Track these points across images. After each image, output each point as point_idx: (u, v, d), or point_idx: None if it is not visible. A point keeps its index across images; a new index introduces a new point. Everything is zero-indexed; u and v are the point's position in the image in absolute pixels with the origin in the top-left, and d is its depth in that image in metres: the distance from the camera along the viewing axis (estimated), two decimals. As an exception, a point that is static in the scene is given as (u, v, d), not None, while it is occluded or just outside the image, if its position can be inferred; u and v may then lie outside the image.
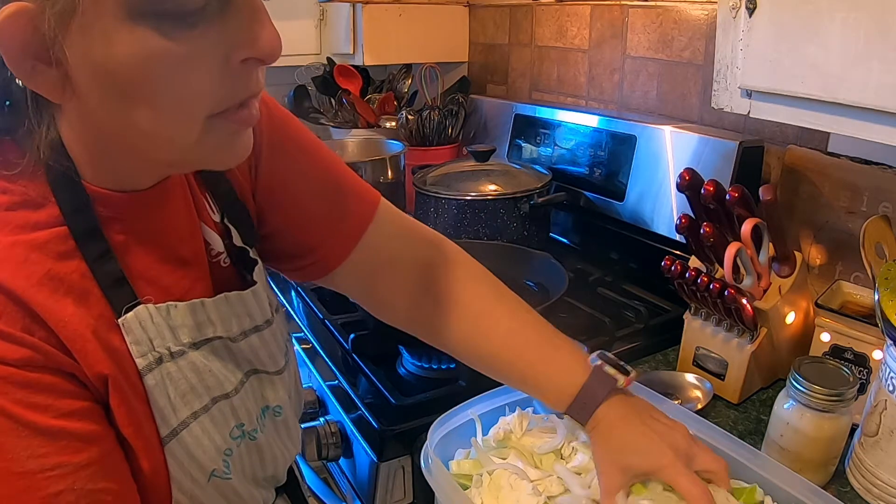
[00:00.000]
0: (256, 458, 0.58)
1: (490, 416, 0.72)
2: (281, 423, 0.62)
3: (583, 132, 1.32)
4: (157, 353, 0.50)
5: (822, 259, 0.99)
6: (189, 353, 0.52)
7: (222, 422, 0.55)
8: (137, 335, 0.49)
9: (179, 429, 0.51)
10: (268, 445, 0.60)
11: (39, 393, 0.43)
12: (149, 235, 0.52)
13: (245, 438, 0.57)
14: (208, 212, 0.60)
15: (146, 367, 0.49)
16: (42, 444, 0.43)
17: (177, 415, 0.51)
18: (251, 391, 0.58)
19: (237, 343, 0.57)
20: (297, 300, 1.20)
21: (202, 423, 0.53)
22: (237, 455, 0.56)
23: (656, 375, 0.91)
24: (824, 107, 0.65)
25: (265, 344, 0.59)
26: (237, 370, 0.57)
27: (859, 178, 0.93)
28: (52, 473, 0.43)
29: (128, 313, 0.48)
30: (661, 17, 1.24)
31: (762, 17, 0.69)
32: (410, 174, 1.42)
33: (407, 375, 0.96)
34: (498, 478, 0.64)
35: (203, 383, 0.53)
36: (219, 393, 0.54)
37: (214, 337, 0.55)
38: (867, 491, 0.70)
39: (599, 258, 1.30)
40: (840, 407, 0.68)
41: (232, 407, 0.56)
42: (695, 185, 0.82)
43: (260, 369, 0.60)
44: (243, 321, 0.57)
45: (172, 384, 0.51)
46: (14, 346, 0.43)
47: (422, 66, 1.70)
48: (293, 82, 1.82)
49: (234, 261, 0.61)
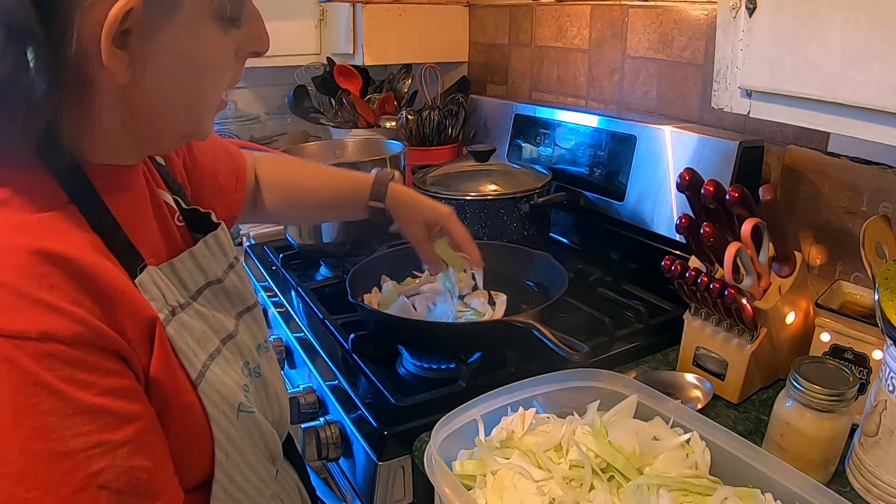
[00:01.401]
0: (264, 395, 0.65)
1: (492, 416, 0.72)
2: (269, 359, 0.68)
3: (583, 132, 1.32)
4: (170, 306, 0.55)
5: (822, 259, 0.99)
6: (193, 304, 0.59)
7: (234, 360, 0.61)
8: (153, 292, 0.54)
9: (203, 370, 0.56)
10: (270, 382, 0.66)
11: (84, 370, 0.45)
12: (135, 203, 0.58)
13: (253, 376, 0.63)
14: (160, 180, 0.67)
15: (165, 319, 0.53)
16: (85, 422, 0.44)
17: (199, 358, 0.56)
18: (246, 330, 0.65)
19: (223, 283, 0.64)
20: (297, 300, 1.20)
21: (219, 363, 0.58)
22: (253, 390, 0.62)
23: (656, 375, 0.91)
24: (824, 107, 0.65)
25: (241, 278, 0.67)
26: (232, 310, 0.65)
27: (859, 178, 0.93)
28: (94, 452, 0.44)
29: (141, 274, 0.53)
30: (661, 17, 1.24)
31: (762, 18, 0.69)
32: (410, 174, 1.42)
33: (407, 375, 0.96)
34: (502, 477, 0.64)
35: (211, 327, 0.59)
36: (225, 334, 0.61)
37: (205, 284, 0.62)
38: (867, 491, 0.70)
39: (599, 258, 1.30)
40: (840, 407, 0.68)
41: (237, 345, 0.62)
42: (695, 185, 0.82)
43: (243, 308, 0.66)
44: (221, 259, 0.65)
45: (188, 332, 0.56)
46: (64, 321, 0.44)
47: (422, 66, 1.70)
48: (293, 82, 1.82)
49: (186, 220, 0.67)
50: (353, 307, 0.99)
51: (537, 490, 0.62)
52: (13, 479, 0.42)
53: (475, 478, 0.66)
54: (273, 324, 1.23)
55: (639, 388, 0.74)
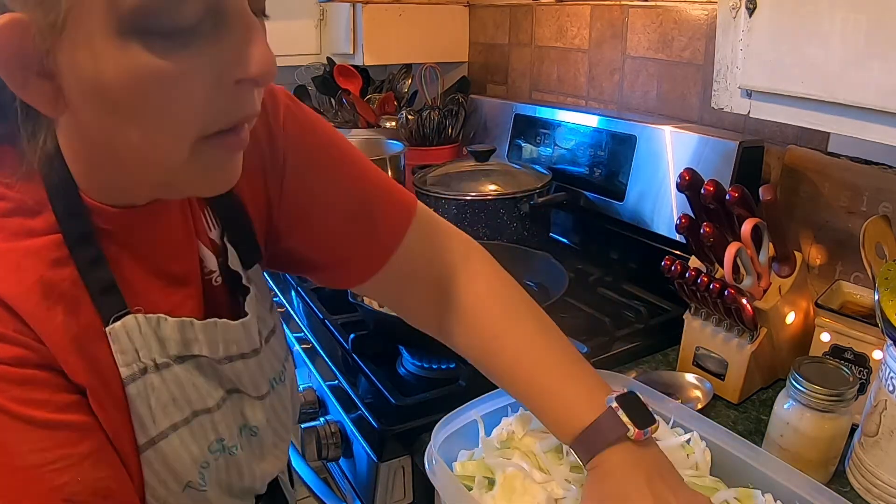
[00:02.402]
0: (235, 473, 0.58)
1: (493, 416, 0.72)
2: (256, 443, 0.61)
3: (583, 132, 1.32)
4: (142, 363, 0.50)
5: (822, 259, 0.99)
6: (173, 366, 0.52)
7: (202, 435, 0.54)
8: (123, 345, 0.48)
9: (157, 439, 0.51)
10: (246, 462, 0.59)
11: (36, 389, 0.43)
12: (141, 249, 0.52)
13: (224, 453, 0.56)
14: (205, 228, 0.59)
15: (129, 377, 0.49)
16: (43, 437, 0.43)
17: (156, 425, 0.51)
18: (232, 407, 0.58)
19: (221, 365, 0.56)
20: (297, 300, 1.20)
21: (181, 434, 0.52)
22: (214, 468, 0.55)
23: (656, 375, 0.91)
24: (824, 107, 0.65)
25: (249, 371, 0.59)
26: (219, 387, 0.56)
27: (859, 178, 0.93)
28: (56, 466, 0.43)
29: (116, 322, 0.48)
30: (661, 17, 1.24)
31: (762, 18, 0.68)
32: (410, 174, 1.42)
33: (407, 375, 0.96)
34: (511, 479, 0.63)
35: (185, 396, 0.53)
36: (200, 407, 0.54)
37: (200, 355, 0.54)
38: (867, 491, 0.70)
39: (599, 258, 1.30)
40: (840, 407, 0.68)
41: (213, 421, 0.55)
42: (695, 185, 0.82)
43: (241, 390, 0.59)
44: (230, 347, 0.57)
45: (154, 395, 0.50)
46: (8, 346, 0.43)
47: (422, 66, 1.70)
48: (293, 82, 1.82)
49: (226, 281, 0.60)
50: (353, 307, 0.99)
51: (546, 495, 0.61)
52: None
53: (475, 479, 0.66)
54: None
55: (639, 388, 0.74)
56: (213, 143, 0.44)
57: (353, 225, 0.64)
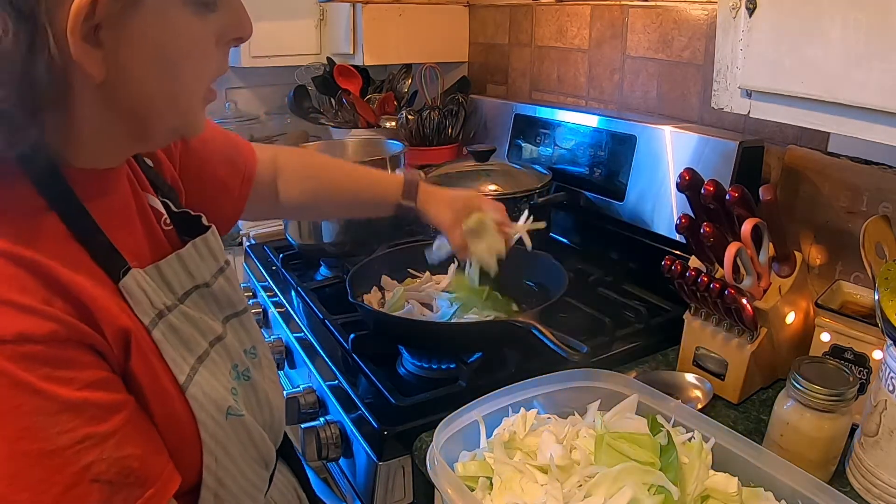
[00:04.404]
0: (254, 399, 0.64)
1: (494, 417, 0.72)
2: (258, 365, 0.67)
3: (583, 132, 1.32)
4: (156, 308, 0.54)
5: (822, 259, 0.99)
6: (180, 307, 0.58)
7: (221, 363, 0.60)
8: (137, 296, 0.53)
9: (192, 374, 0.55)
10: (260, 386, 0.65)
11: (63, 366, 0.45)
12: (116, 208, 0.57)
13: (241, 379, 0.62)
14: (146, 183, 0.65)
15: (151, 324, 0.53)
16: (70, 418, 0.45)
17: (186, 361, 0.55)
18: (234, 334, 0.64)
19: (211, 287, 0.63)
20: (297, 300, 1.20)
21: (207, 366, 0.58)
22: (242, 393, 0.61)
23: (656, 375, 0.91)
24: (824, 107, 0.65)
25: (230, 283, 0.66)
26: (219, 314, 0.63)
27: (859, 178, 0.93)
28: (82, 446, 0.45)
29: (124, 277, 0.53)
30: (661, 17, 1.24)
31: (762, 18, 0.69)
32: (410, 174, 1.42)
33: (407, 375, 0.96)
34: (510, 480, 0.63)
35: (199, 330, 0.58)
36: (213, 336, 0.60)
37: (193, 287, 0.61)
38: (867, 491, 0.70)
39: (599, 258, 1.30)
40: (840, 407, 0.68)
41: (225, 348, 0.61)
42: (695, 185, 0.82)
43: (231, 313, 0.65)
44: (211, 264, 0.64)
45: (175, 335, 0.55)
46: (38, 321, 0.44)
47: (422, 66, 1.70)
48: (293, 82, 1.82)
49: (175, 223, 0.66)
50: (353, 307, 0.99)
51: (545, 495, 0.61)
52: (5, 482, 0.43)
53: (477, 479, 0.66)
54: (273, 324, 1.23)
55: (639, 388, 0.74)
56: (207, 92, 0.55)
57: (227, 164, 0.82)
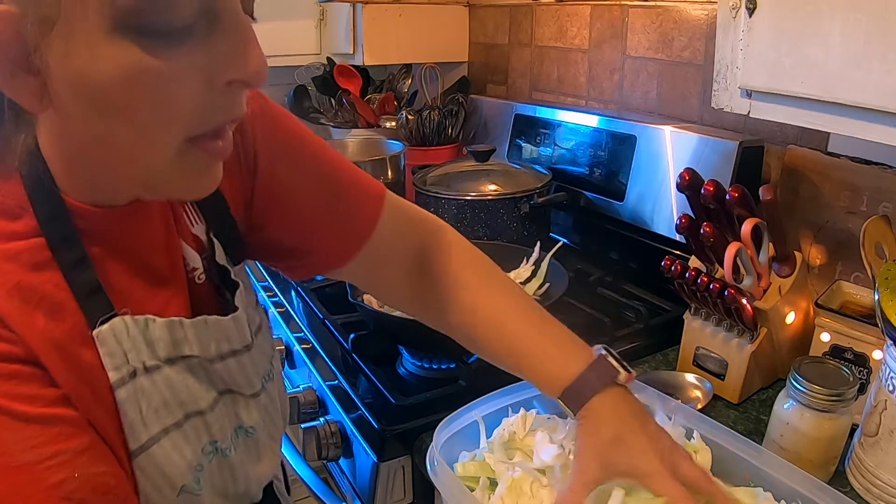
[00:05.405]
0: (228, 475, 0.57)
1: (494, 417, 0.72)
2: (252, 444, 0.60)
3: (583, 132, 1.32)
4: (130, 366, 0.49)
5: (822, 259, 0.99)
6: (164, 368, 0.51)
7: (194, 438, 0.53)
8: (111, 347, 0.48)
9: (149, 444, 0.50)
10: (240, 463, 0.58)
11: (25, 383, 0.43)
12: (124, 250, 0.51)
13: (217, 455, 0.56)
14: (187, 224, 0.58)
15: (119, 381, 0.48)
16: (36, 433, 0.42)
17: (147, 429, 0.50)
18: (225, 409, 0.57)
19: (213, 365, 0.55)
20: (297, 300, 1.20)
21: (173, 438, 0.51)
22: (208, 471, 0.55)
23: (656, 375, 0.91)
24: (824, 107, 0.65)
25: (242, 368, 0.58)
26: (212, 388, 0.56)
27: (859, 178, 0.93)
28: (52, 462, 0.42)
29: (103, 325, 0.47)
30: (661, 17, 1.24)
31: (762, 18, 0.68)
32: (410, 174, 1.42)
33: (407, 375, 0.96)
34: (520, 482, 0.63)
35: (176, 399, 0.52)
36: (192, 409, 0.53)
37: (191, 355, 0.53)
38: (867, 491, 0.70)
39: (599, 258, 1.30)
40: (840, 407, 0.68)
41: (206, 423, 0.54)
42: (695, 185, 0.82)
43: (235, 390, 0.58)
44: (221, 345, 0.56)
45: (145, 398, 0.49)
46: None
47: (422, 66, 1.70)
48: (293, 82, 1.82)
49: (209, 277, 0.59)
50: (353, 307, 0.99)
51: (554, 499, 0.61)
52: None
53: (477, 479, 0.66)
54: (273, 324, 1.23)
55: (639, 388, 0.74)
56: (199, 146, 0.44)
57: (327, 212, 0.65)
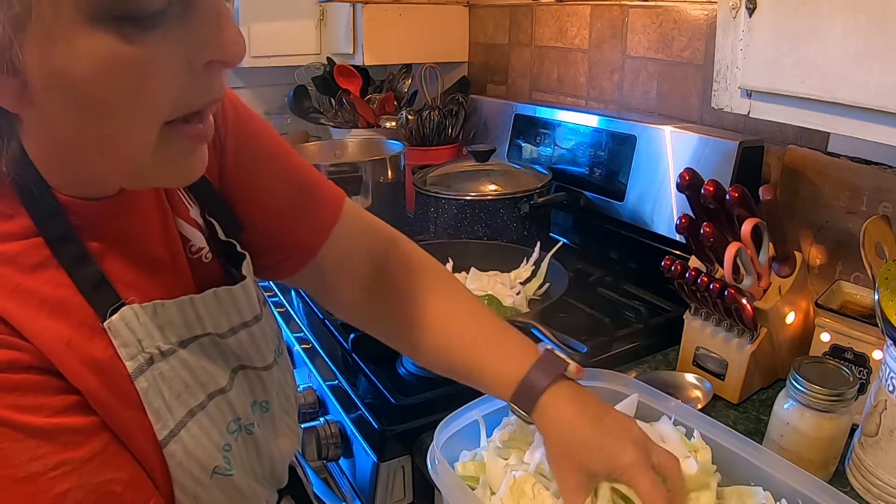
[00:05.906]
0: (254, 453, 0.58)
1: (494, 417, 0.72)
2: (269, 419, 0.61)
3: (583, 132, 1.32)
4: (147, 353, 0.49)
5: (822, 259, 0.99)
6: (179, 351, 0.51)
7: (219, 417, 0.54)
8: (125, 337, 0.47)
9: (178, 429, 0.50)
10: (263, 439, 0.59)
11: (29, 394, 0.43)
12: (122, 240, 0.51)
13: (242, 432, 0.56)
14: (185, 207, 0.58)
15: (137, 370, 0.48)
16: (41, 444, 0.42)
17: (174, 415, 0.50)
18: (241, 385, 0.58)
19: (226, 339, 0.56)
20: (297, 300, 1.20)
21: (199, 420, 0.52)
22: (236, 450, 0.55)
23: (656, 375, 0.91)
24: (824, 107, 0.65)
25: (254, 340, 0.59)
26: (227, 366, 0.56)
27: (859, 178, 0.93)
28: (56, 473, 0.42)
29: (113, 315, 0.47)
30: (661, 17, 1.24)
31: (762, 18, 0.68)
32: (410, 174, 1.42)
33: (407, 375, 0.96)
34: (522, 483, 0.63)
35: (197, 380, 0.52)
36: (214, 388, 0.54)
37: (203, 334, 0.54)
38: (867, 491, 0.70)
39: (599, 258, 1.30)
40: (840, 407, 0.68)
41: (228, 401, 0.55)
42: (695, 185, 0.82)
43: (247, 365, 0.59)
44: (232, 317, 0.56)
45: (166, 384, 0.50)
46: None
47: (422, 66, 1.70)
48: (293, 82, 1.82)
49: (217, 255, 0.60)
50: (353, 307, 0.99)
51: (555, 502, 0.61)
52: None
53: (478, 479, 0.66)
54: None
55: (639, 388, 0.74)
56: (180, 132, 0.44)
57: (290, 207, 0.65)
